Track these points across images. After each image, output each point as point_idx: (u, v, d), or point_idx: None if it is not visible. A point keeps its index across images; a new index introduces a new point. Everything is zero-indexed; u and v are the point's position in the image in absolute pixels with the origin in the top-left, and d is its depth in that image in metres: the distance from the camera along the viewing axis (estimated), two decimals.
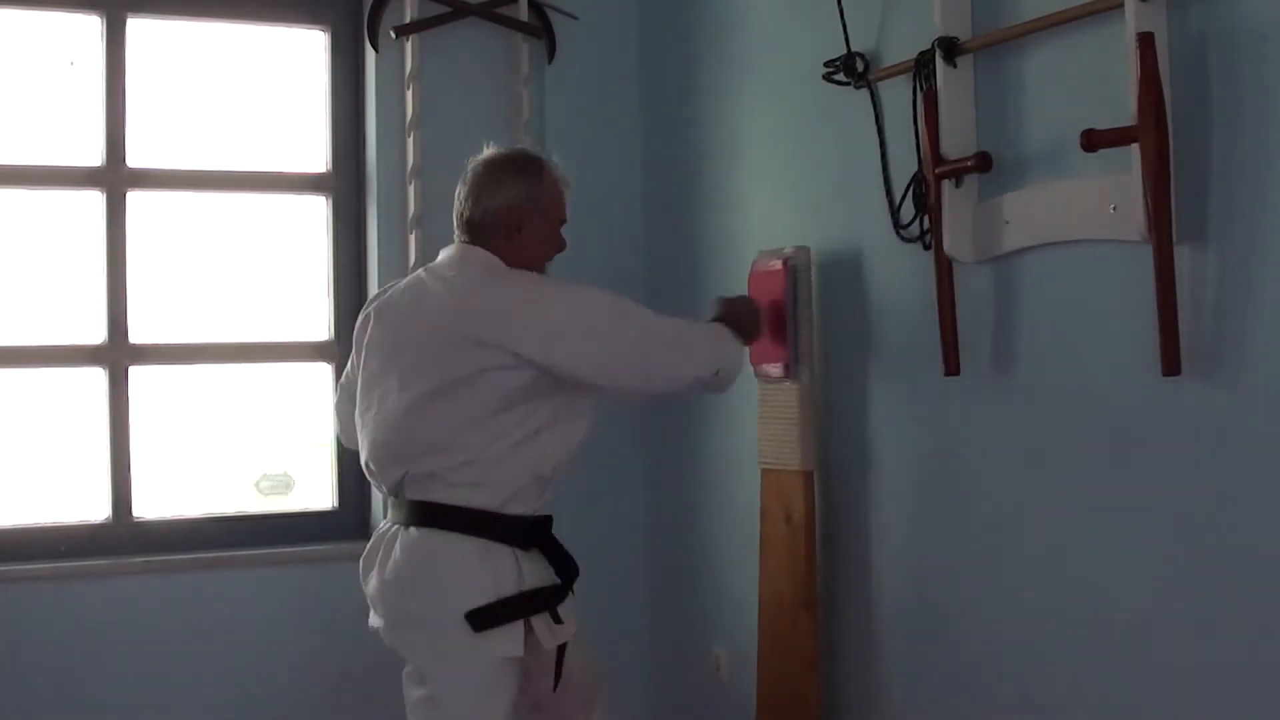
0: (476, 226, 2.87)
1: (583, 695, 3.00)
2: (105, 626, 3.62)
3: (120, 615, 3.64)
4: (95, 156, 3.79)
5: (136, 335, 3.81)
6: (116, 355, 3.78)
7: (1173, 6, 2.35)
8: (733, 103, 3.70)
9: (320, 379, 4.01)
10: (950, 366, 2.83)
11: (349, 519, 3.99)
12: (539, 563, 2.81)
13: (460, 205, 2.90)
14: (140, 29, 3.84)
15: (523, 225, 2.86)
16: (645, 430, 4.08)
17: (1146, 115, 2.30)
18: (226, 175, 3.96)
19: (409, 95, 3.91)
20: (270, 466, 4.09)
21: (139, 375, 3.81)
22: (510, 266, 2.84)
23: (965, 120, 2.81)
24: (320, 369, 4.02)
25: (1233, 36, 2.28)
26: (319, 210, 4.04)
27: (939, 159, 2.81)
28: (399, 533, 2.82)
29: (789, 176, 3.47)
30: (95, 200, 3.78)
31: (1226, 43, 2.29)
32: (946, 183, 2.81)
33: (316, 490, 4.06)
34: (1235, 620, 2.30)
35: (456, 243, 2.91)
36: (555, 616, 2.79)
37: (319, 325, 4.04)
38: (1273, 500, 2.23)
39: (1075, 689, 2.61)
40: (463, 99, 4.00)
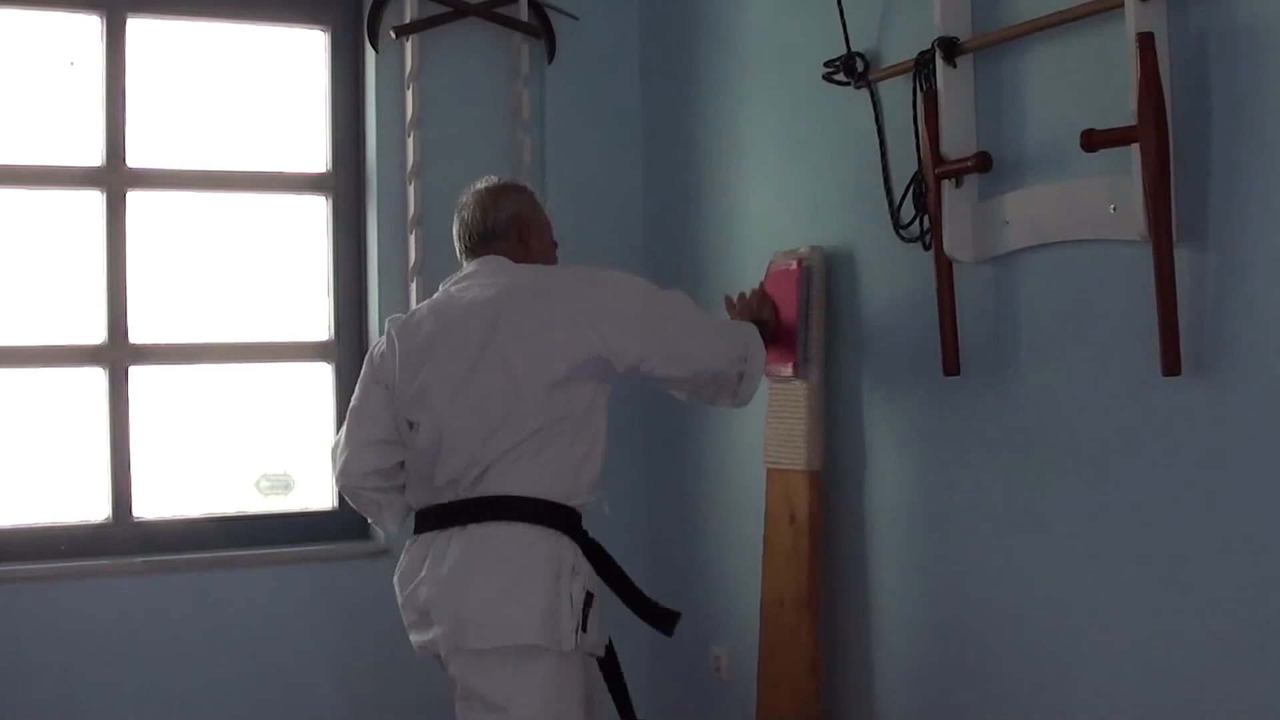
0: (489, 235, 2.93)
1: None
2: (105, 626, 3.62)
3: (120, 615, 3.63)
4: (95, 156, 3.79)
5: (136, 335, 3.80)
6: (116, 355, 3.78)
7: (1173, 6, 2.35)
8: (732, 103, 3.70)
9: (320, 379, 4.01)
10: (950, 366, 2.83)
11: (349, 519, 3.96)
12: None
13: (467, 225, 2.95)
14: (140, 29, 3.84)
15: (530, 231, 2.95)
16: (647, 430, 4.08)
17: (1146, 115, 2.30)
18: (226, 175, 3.95)
19: (409, 95, 3.91)
20: (270, 466, 4.09)
21: (139, 375, 3.81)
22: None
23: (965, 120, 2.81)
24: (320, 369, 4.02)
25: (1233, 36, 2.28)
26: (319, 210, 4.04)
27: (939, 159, 2.81)
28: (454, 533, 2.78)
29: (789, 176, 3.47)
30: (95, 200, 3.78)
31: (1226, 43, 2.29)
32: (946, 183, 2.81)
33: (316, 490, 4.06)
34: (1235, 620, 2.30)
35: (479, 257, 2.93)
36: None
37: (319, 325, 4.04)
38: (1273, 500, 2.23)
39: (1076, 688, 2.61)
40: (463, 99, 4.00)
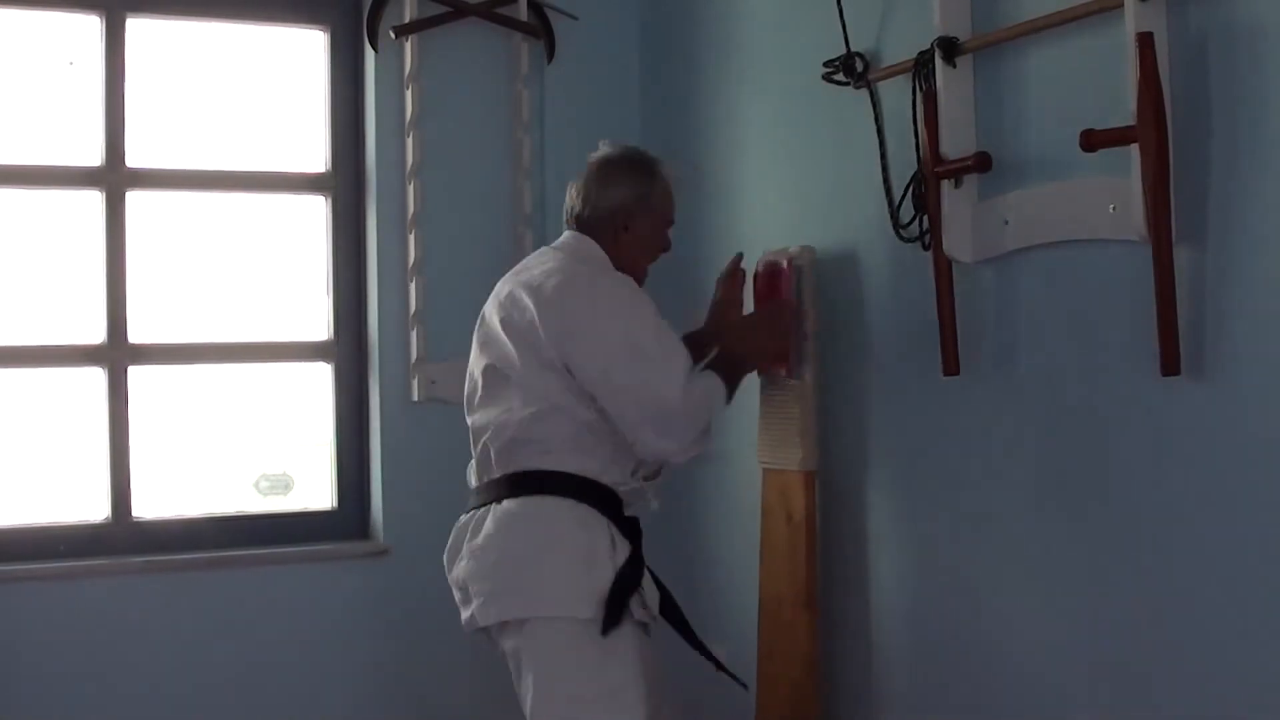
0: (585, 224, 2.99)
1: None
2: (105, 626, 3.62)
3: (120, 615, 3.64)
4: (95, 156, 3.79)
5: (136, 335, 3.80)
6: (116, 355, 3.77)
7: (1173, 6, 2.35)
8: (732, 102, 3.70)
9: (320, 379, 4.01)
10: (950, 366, 2.83)
11: (348, 519, 3.98)
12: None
13: (571, 201, 3.01)
14: (140, 29, 3.84)
15: (630, 225, 2.97)
16: None
17: (1146, 115, 2.30)
18: (226, 175, 3.95)
19: (408, 95, 3.91)
20: (270, 466, 4.09)
21: (138, 375, 3.81)
22: (614, 264, 2.95)
23: (965, 120, 2.81)
24: (320, 369, 4.02)
25: (1232, 36, 2.28)
26: (318, 210, 4.04)
27: (938, 159, 2.81)
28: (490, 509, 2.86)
29: (788, 176, 3.47)
30: (95, 200, 3.78)
31: (1226, 42, 2.29)
32: (946, 183, 2.81)
33: (316, 490, 4.05)
34: (1236, 619, 2.30)
35: (569, 231, 3.01)
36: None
37: (318, 325, 4.04)
38: (1272, 500, 2.23)
39: (1076, 687, 2.61)
40: (462, 99, 4.00)
